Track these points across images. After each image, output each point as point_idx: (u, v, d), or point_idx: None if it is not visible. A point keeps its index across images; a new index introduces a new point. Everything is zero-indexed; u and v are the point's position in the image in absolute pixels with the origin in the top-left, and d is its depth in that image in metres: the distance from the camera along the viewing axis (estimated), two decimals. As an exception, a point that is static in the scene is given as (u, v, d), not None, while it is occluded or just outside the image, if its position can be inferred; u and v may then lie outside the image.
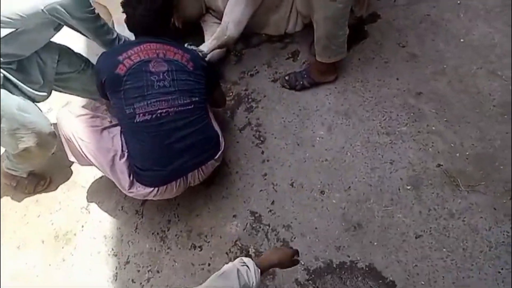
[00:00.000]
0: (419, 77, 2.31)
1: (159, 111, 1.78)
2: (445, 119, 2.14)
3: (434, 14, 2.52)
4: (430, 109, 2.19)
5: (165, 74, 1.81)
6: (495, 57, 2.28)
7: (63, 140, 1.96)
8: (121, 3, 1.91)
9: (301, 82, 2.38)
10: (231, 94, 2.48)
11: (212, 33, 2.53)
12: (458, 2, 2.53)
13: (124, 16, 2.23)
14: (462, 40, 2.38)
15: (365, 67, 2.42)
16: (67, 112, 1.94)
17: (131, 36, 2.08)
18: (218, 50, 2.53)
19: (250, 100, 2.43)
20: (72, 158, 2.02)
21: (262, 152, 2.26)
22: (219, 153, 1.99)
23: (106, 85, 1.84)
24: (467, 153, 2.01)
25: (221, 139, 2.02)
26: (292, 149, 2.23)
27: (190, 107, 1.84)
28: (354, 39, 2.46)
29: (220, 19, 2.56)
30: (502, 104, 2.11)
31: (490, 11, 2.44)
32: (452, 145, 2.05)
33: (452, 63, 2.31)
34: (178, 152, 1.84)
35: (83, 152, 1.89)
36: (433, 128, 2.13)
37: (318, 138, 2.24)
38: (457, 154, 2.01)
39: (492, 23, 2.40)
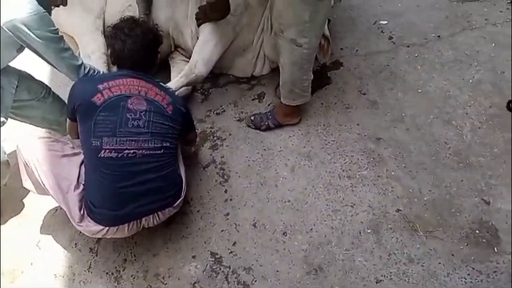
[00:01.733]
0: (379, 123, 2.40)
1: (126, 151, 1.72)
2: (403, 165, 2.21)
3: (392, 65, 2.66)
4: (389, 155, 2.27)
5: (142, 114, 1.75)
6: (450, 107, 2.41)
7: (20, 164, 1.86)
8: (106, 36, 1.86)
9: (266, 123, 2.42)
10: (196, 131, 2.47)
11: (179, 70, 2.55)
12: (415, 55, 2.69)
13: (91, 46, 2.21)
14: (419, 90, 2.52)
15: (327, 111, 2.49)
16: (28, 135, 1.85)
17: (97, 67, 2.05)
18: (184, 88, 2.53)
19: (215, 138, 2.43)
20: (27, 185, 1.91)
21: (226, 191, 2.24)
22: (179, 201, 1.93)
23: (78, 111, 1.76)
24: (425, 198, 2.07)
25: (184, 187, 1.96)
26: (255, 189, 2.23)
27: (159, 151, 1.78)
28: (317, 84, 2.55)
29: (188, 57, 2.59)
30: (457, 152, 2.22)
31: (445, 65, 2.61)
32: (411, 190, 2.11)
33: (410, 112, 2.42)
34: (136, 195, 1.77)
35: (39, 176, 1.80)
36: (392, 173, 2.19)
37: (281, 179, 2.25)
38: (415, 200, 2.08)
39: (447, 76, 2.56)
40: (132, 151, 1.73)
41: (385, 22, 2.91)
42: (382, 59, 2.71)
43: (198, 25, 2.48)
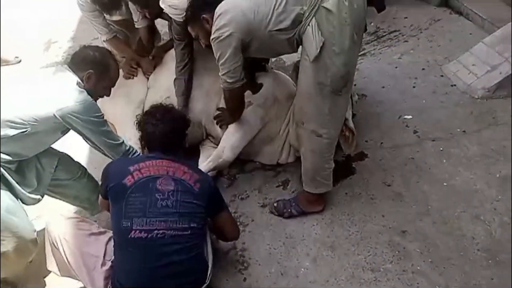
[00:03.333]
0: (404, 216, 2.36)
1: (156, 231, 1.74)
2: (430, 260, 2.13)
3: (418, 158, 2.68)
4: (415, 248, 2.19)
5: (170, 194, 1.80)
6: (477, 202, 2.36)
7: (47, 245, 1.94)
8: (138, 122, 2.01)
9: (289, 210, 2.43)
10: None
11: (207, 156, 2.68)
12: (441, 149, 2.71)
13: (128, 133, 2.38)
14: (445, 184, 2.49)
15: (352, 201, 2.49)
16: (57, 215, 1.95)
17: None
18: (211, 172, 2.64)
19: (238, 223, 2.45)
20: (51, 267, 1.96)
21: (245, 279, 2.20)
22: (203, 286, 1.90)
23: (110, 191, 1.84)
24: (453, 297, 1.96)
25: (209, 273, 1.93)
26: (275, 279, 2.18)
27: (187, 232, 1.80)
28: (342, 174, 2.59)
29: (217, 145, 2.73)
30: (485, 249, 2.12)
31: (471, 159, 2.60)
32: (438, 287, 2.00)
33: (436, 205, 2.38)
34: (163, 277, 1.76)
35: (65, 255, 1.85)
36: (418, 268, 2.10)
37: (302, 269, 2.20)
38: (443, 297, 1.96)
39: (473, 170, 2.53)
40: (161, 231, 1.74)
41: (410, 117, 2.99)
42: (407, 152, 2.75)
43: (220, 127, 2.65)
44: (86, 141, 2.09)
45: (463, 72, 3.24)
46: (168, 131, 1.93)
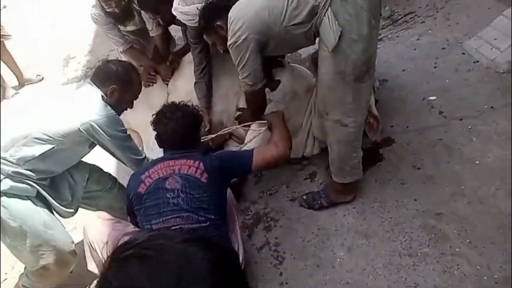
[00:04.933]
0: (438, 198, 2.31)
1: (173, 227, 1.80)
2: (468, 241, 2.08)
3: (446, 138, 2.62)
4: (452, 230, 2.15)
5: (179, 191, 1.85)
6: (512, 178, 2.29)
7: (85, 247, 1.99)
8: (151, 121, 2.06)
9: (319, 202, 2.42)
10: (249, 213, 2.52)
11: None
12: (469, 127, 2.64)
13: (152, 138, 2.42)
14: (477, 162, 2.43)
15: (382, 188, 2.46)
16: (95, 217, 2.01)
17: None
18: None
19: (268, 219, 2.46)
20: (91, 267, 2.01)
21: (281, 274, 2.20)
22: None
23: (132, 203, 1.93)
24: (496, 276, 1.90)
25: (241, 259, 1.96)
26: (311, 271, 2.17)
27: (205, 224, 1.84)
28: (370, 161, 2.55)
29: (241, 144, 2.75)
30: (526, 225, 2.06)
31: (501, 135, 2.52)
32: (478, 267, 1.96)
33: (470, 184, 2.32)
34: None
35: (102, 256, 1.90)
36: (457, 250, 2.06)
37: (338, 259, 2.19)
38: (485, 278, 1.91)
39: (506, 146, 2.46)
40: (178, 226, 1.80)
41: (434, 98, 2.92)
42: (434, 133, 2.69)
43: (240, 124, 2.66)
44: (111, 154, 2.14)
45: (485, 48, 3.15)
46: (178, 129, 1.97)
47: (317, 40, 2.06)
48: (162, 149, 2.08)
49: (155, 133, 2.09)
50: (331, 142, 2.26)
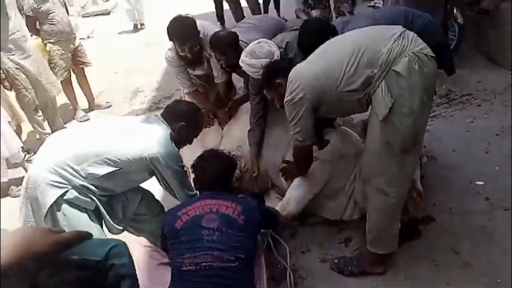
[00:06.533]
0: (472, 287, 2.25)
1: (203, 263, 1.88)
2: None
3: (490, 226, 2.57)
4: (483, 322, 2.07)
5: (214, 229, 1.95)
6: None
7: None
8: (191, 166, 2.25)
9: (350, 268, 2.42)
10: (279, 266, 2.54)
11: (272, 205, 2.76)
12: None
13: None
14: (519, 256, 2.36)
15: (416, 265, 2.42)
16: (135, 239, 2.13)
17: None
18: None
19: (296, 276, 2.47)
20: None
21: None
22: None
23: (167, 237, 2.04)
24: None
25: None
26: (332, 336, 2.15)
27: (233, 264, 1.91)
28: (407, 236, 2.52)
29: (282, 196, 2.83)
30: None
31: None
32: None
33: (507, 278, 2.24)
34: None
35: None
36: None
37: (360, 330, 2.16)
38: None
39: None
40: (208, 263, 1.88)
41: (482, 183, 2.90)
42: (478, 219, 2.64)
43: (285, 179, 2.77)
44: (163, 185, 2.31)
45: (541, 140, 3.12)
46: (214, 173, 2.14)
47: (369, 107, 2.16)
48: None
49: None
50: (370, 209, 2.30)
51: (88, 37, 7.60)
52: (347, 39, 2.29)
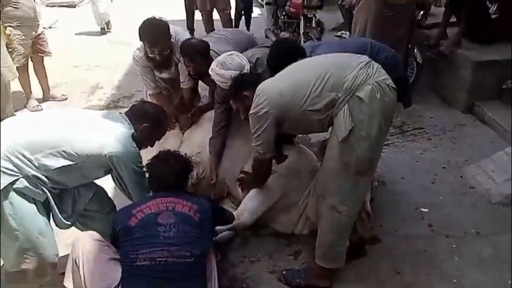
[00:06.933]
0: (411, 306, 2.35)
1: (159, 259, 1.89)
2: None
3: (430, 251, 2.71)
4: None
5: (171, 226, 1.96)
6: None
7: (69, 261, 2.01)
8: (146, 165, 2.24)
9: (297, 280, 2.45)
10: (227, 274, 2.54)
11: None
12: (454, 246, 2.74)
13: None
14: (455, 281, 2.49)
15: (360, 283, 2.50)
16: (87, 233, 2.07)
17: None
18: (227, 232, 2.72)
19: (244, 285, 2.47)
20: (67, 282, 2.02)
21: None
22: None
23: (119, 235, 2.01)
24: None
25: None
26: None
27: (189, 260, 1.93)
28: (353, 254, 2.59)
29: (237, 206, 2.85)
30: None
31: (483, 261, 2.61)
32: None
33: (444, 300, 2.37)
34: None
35: (83, 273, 1.92)
36: None
37: None
38: None
39: (485, 273, 2.53)
40: (164, 259, 1.90)
41: (426, 210, 3.06)
42: (420, 243, 2.78)
43: (241, 189, 2.80)
44: (118, 184, 2.27)
45: (482, 177, 3.34)
46: (170, 172, 2.16)
47: (329, 129, 2.25)
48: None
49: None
50: (322, 225, 2.36)
51: (51, 27, 7.33)
52: (315, 61, 2.42)
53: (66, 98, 4.99)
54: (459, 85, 4.42)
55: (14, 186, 1.95)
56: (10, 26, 4.19)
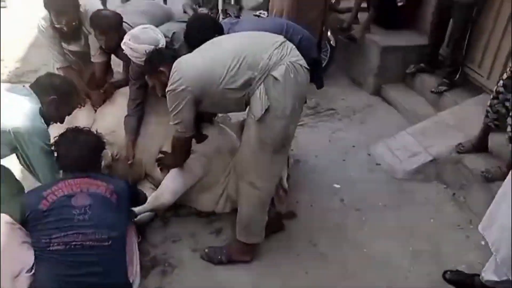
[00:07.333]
0: (326, 275, 2.50)
1: (74, 242, 1.80)
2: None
3: (343, 224, 2.89)
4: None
5: (86, 208, 1.88)
6: (391, 270, 2.56)
7: None
8: (53, 143, 2.09)
9: (219, 257, 2.48)
10: (148, 255, 2.48)
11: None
12: (363, 218, 2.95)
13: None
14: (365, 250, 2.69)
15: (279, 256, 2.60)
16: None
17: None
18: (148, 213, 2.65)
19: (166, 264, 2.44)
20: None
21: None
22: None
23: (29, 220, 1.87)
24: None
25: None
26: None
27: (107, 243, 1.87)
28: (272, 229, 2.68)
29: (156, 186, 2.77)
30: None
31: (389, 232, 2.84)
32: None
33: (353, 268, 2.55)
34: (83, 285, 1.81)
35: None
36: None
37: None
38: None
39: (391, 242, 2.75)
40: (79, 242, 1.82)
41: (338, 186, 3.24)
42: (333, 217, 2.95)
43: (160, 170, 2.73)
44: (24, 164, 2.08)
45: (387, 154, 3.62)
46: (81, 154, 2.04)
47: (247, 108, 2.27)
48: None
49: None
50: (241, 202, 2.41)
51: None
52: (233, 39, 2.40)
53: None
54: (368, 68, 4.69)
55: None
56: None
